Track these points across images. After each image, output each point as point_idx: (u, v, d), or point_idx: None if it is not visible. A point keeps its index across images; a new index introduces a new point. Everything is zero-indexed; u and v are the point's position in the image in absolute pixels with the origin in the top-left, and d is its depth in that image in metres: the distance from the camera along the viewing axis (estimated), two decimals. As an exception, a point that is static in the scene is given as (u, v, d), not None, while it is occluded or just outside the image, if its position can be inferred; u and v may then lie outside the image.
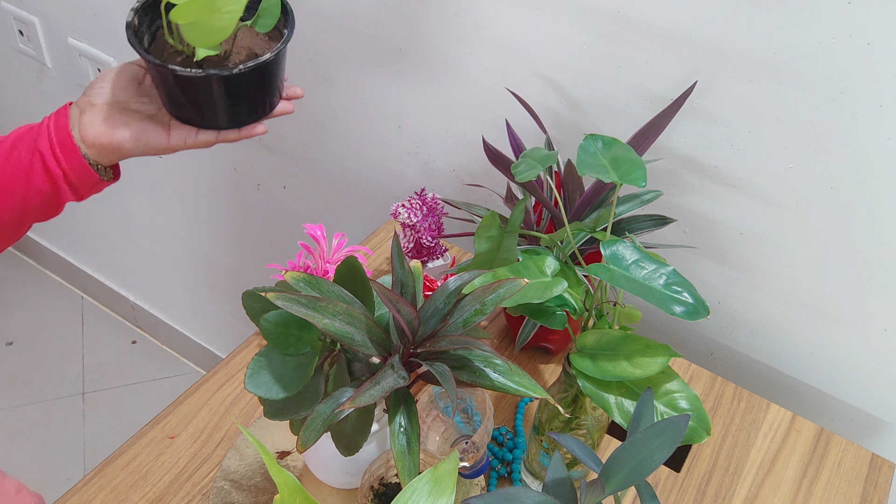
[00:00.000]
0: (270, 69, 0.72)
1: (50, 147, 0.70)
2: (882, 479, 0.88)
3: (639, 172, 0.67)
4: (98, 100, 0.72)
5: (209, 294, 1.81)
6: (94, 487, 0.80)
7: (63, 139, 0.70)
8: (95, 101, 0.72)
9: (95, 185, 0.74)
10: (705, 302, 0.61)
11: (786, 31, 0.79)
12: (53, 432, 1.88)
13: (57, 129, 0.71)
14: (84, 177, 0.72)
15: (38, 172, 0.70)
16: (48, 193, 0.72)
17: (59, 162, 0.70)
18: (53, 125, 0.71)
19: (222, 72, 0.68)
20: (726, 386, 0.97)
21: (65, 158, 0.70)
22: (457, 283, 0.64)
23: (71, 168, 0.71)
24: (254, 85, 0.72)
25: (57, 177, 0.71)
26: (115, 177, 0.76)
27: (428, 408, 0.75)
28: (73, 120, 0.71)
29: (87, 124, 0.70)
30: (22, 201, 0.72)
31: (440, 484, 0.48)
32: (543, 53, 0.96)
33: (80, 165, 0.71)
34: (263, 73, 0.71)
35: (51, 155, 0.70)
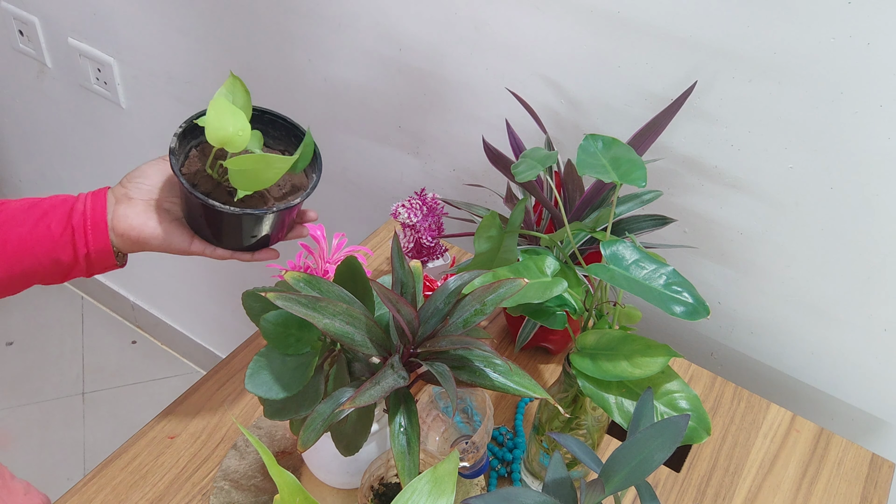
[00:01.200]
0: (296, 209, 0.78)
1: (83, 225, 0.74)
2: (882, 479, 0.88)
3: (639, 172, 0.67)
4: (135, 194, 0.76)
5: (209, 294, 1.81)
6: (94, 487, 0.80)
7: (97, 222, 0.75)
8: (132, 195, 0.76)
9: (109, 267, 0.78)
10: (705, 302, 0.61)
11: (786, 31, 0.79)
12: (53, 432, 1.88)
13: (94, 211, 0.75)
14: (103, 260, 0.76)
15: (66, 246, 0.74)
16: (65, 266, 0.76)
17: (88, 242, 0.75)
18: (90, 206, 0.75)
19: (256, 211, 0.73)
20: (726, 386, 0.97)
21: (93, 240, 0.75)
22: (457, 283, 0.64)
23: (96, 250, 0.75)
24: (279, 220, 0.77)
25: (80, 255, 0.75)
26: (124, 262, 0.81)
27: (428, 408, 0.75)
28: (110, 206, 0.76)
29: (121, 216, 0.75)
30: (38, 265, 0.75)
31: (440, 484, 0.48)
32: (543, 53, 0.96)
33: (104, 250, 0.75)
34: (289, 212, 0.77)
35: (82, 233, 0.74)
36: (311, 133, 0.77)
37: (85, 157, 1.79)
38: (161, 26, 1.36)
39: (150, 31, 1.39)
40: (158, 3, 1.33)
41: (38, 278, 0.77)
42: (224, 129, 0.71)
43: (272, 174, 0.71)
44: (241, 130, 0.71)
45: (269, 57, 1.23)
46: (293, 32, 1.17)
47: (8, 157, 2.03)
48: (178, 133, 0.75)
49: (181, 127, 0.76)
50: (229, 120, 0.71)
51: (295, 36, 1.17)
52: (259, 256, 0.80)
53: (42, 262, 0.75)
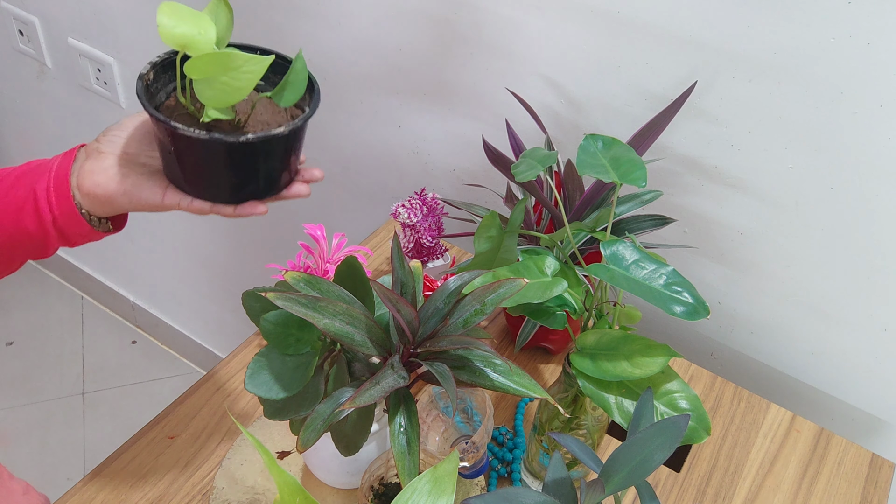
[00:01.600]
0: (282, 145, 0.65)
1: (46, 189, 0.67)
2: (882, 479, 0.88)
3: (639, 172, 0.67)
4: (106, 148, 0.68)
5: (209, 294, 1.81)
6: (94, 487, 0.80)
7: (60, 184, 0.67)
8: (104, 149, 0.68)
9: (88, 234, 0.71)
10: (705, 302, 0.61)
11: (786, 31, 0.79)
12: (53, 432, 1.88)
13: (57, 173, 0.67)
14: (74, 225, 0.69)
15: (29, 214, 0.67)
16: (36, 236, 0.69)
17: (52, 206, 0.67)
18: (56, 167, 0.68)
19: (227, 138, 0.61)
20: (726, 386, 0.97)
21: (57, 204, 0.67)
22: (457, 283, 0.64)
23: (61, 214, 0.68)
24: (261, 160, 0.65)
25: (46, 221, 0.68)
26: (115, 228, 0.73)
27: (428, 408, 0.75)
28: (77, 165, 0.68)
29: (86, 172, 0.67)
30: (9, 239, 0.69)
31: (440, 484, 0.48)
32: (543, 53, 0.96)
33: (70, 213, 0.68)
34: (273, 147, 0.64)
35: (45, 198, 0.67)
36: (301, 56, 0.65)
37: (85, 157, 1.79)
38: (161, 26, 1.36)
39: (150, 31, 1.39)
40: (158, 3, 1.33)
41: (17, 253, 0.71)
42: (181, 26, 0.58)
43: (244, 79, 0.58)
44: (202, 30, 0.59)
45: (269, 57, 1.23)
46: (292, 31, 1.17)
47: (8, 157, 2.03)
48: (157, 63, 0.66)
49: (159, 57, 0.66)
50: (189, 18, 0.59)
51: (294, 34, 1.17)
52: (242, 211, 0.67)
53: (12, 234, 0.68)
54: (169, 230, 1.75)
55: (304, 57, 0.67)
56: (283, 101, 0.66)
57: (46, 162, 0.69)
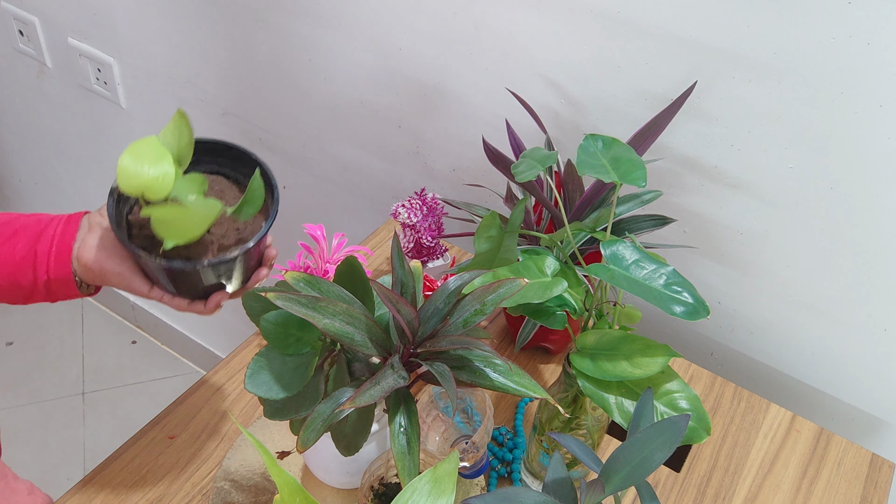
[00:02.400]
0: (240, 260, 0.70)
1: (47, 253, 0.70)
2: (882, 479, 0.88)
3: (639, 172, 0.67)
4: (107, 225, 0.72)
5: (209, 294, 1.80)
6: (94, 487, 0.80)
7: (61, 251, 0.71)
8: (105, 224, 0.72)
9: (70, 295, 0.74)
10: (705, 302, 0.61)
11: (786, 31, 0.79)
12: (53, 432, 1.87)
13: (61, 239, 0.71)
14: (64, 288, 0.73)
15: (26, 271, 0.71)
16: (25, 290, 0.72)
17: (49, 270, 0.71)
18: (59, 232, 0.71)
19: (186, 266, 0.66)
20: (726, 386, 0.97)
21: (55, 269, 0.71)
22: (457, 283, 0.64)
23: (57, 279, 0.71)
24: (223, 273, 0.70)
25: (40, 281, 0.71)
26: (94, 291, 0.76)
27: (428, 408, 0.75)
28: (81, 234, 0.72)
29: (87, 247, 0.70)
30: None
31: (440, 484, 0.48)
32: (543, 53, 0.96)
33: (66, 279, 0.71)
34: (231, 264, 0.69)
35: (44, 260, 0.70)
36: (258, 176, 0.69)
37: (85, 157, 1.79)
38: (161, 26, 1.36)
39: (150, 31, 1.39)
40: (158, 3, 1.33)
41: None
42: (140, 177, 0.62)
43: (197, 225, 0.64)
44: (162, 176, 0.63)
45: (270, 56, 1.23)
46: (293, 32, 1.17)
47: (8, 157, 2.03)
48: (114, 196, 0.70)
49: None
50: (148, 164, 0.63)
51: (295, 35, 1.17)
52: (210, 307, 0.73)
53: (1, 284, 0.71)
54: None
55: (306, 58, 0.68)
56: (244, 216, 0.70)
57: (49, 220, 0.73)
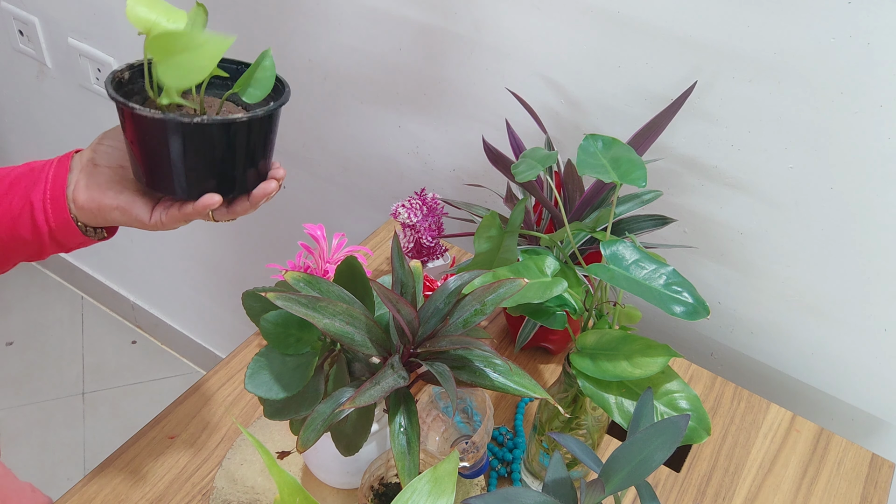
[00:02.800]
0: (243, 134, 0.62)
1: (42, 200, 0.68)
2: (882, 479, 0.88)
3: (639, 172, 0.67)
4: (101, 160, 0.68)
5: (209, 294, 1.81)
6: (94, 487, 0.80)
7: (56, 196, 0.68)
8: (99, 161, 0.68)
9: (82, 242, 0.72)
10: (705, 302, 0.61)
11: (786, 31, 0.79)
12: (53, 432, 1.87)
13: (53, 184, 0.68)
14: (70, 236, 0.70)
15: (25, 223, 0.68)
16: (32, 244, 0.70)
17: (48, 218, 0.68)
18: (52, 177, 0.68)
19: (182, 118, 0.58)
20: (726, 386, 0.97)
21: (54, 216, 0.68)
22: (457, 283, 0.64)
23: (58, 226, 0.69)
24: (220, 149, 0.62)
25: (42, 232, 0.69)
26: (108, 234, 0.73)
27: (428, 408, 0.75)
28: (72, 176, 0.68)
29: (81, 186, 0.67)
30: (4, 245, 0.70)
31: (440, 484, 0.48)
32: (543, 53, 0.96)
33: (67, 225, 0.69)
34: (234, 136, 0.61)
35: (41, 209, 0.68)
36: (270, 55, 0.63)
37: (85, 157, 1.79)
38: (161, 26, 1.36)
39: (150, 31, 1.39)
40: (158, 3, 1.33)
41: (11, 257, 0.71)
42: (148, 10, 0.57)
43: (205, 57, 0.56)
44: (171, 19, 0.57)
45: (269, 57, 1.23)
46: (293, 31, 1.17)
47: (8, 157, 2.03)
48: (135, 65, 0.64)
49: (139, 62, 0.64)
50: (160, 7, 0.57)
51: (294, 34, 1.17)
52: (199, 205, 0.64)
53: (4, 240, 0.69)
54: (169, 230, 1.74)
55: (306, 58, 0.67)
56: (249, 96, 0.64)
57: (41, 167, 0.69)
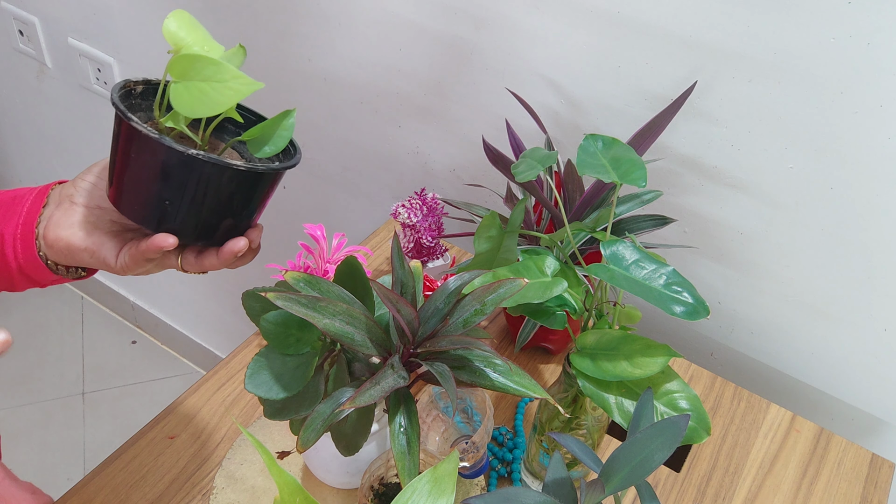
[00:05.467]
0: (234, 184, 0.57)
1: (13, 235, 0.64)
2: (882, 479, 0.88)
3: (639, 172, 0.67)
4: (79, 199, 0.64)
5: (209, 294, 1.81)
6: (94, 487, 0.80)
7: (26, 233, 0.64)
8: (76, 199, 0.64)
9: (54, 280, 0.67)
10: (705, 302, 0.61)
11: (786, 31, 0.79)
12: (53, 432, 1.87)
13: (26, 218, 0.64)
14: (39, 272, 0.66)
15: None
16: (3, 276, 0.67)
17: (17, 255, 0.65)
18: (26, 210, 0.64)
19: (175, 145, 0.54)
20: (726, 386, 0.97)
21: (23, 252, 0.65)
22: (457, 283, 0.64)
23: (27, 262, 0.65)
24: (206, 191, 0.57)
25: (12, 267, 0.65)
26: (87, 274, 0.69)
27: (428, 408, 0.75)
28: (47, 211, 0.65)
29: (53, 224, 0.63)
30: None
31: (440, 484, 0.48)
32: (543, 53, 0.96)
33: (34, 262, 0.65)
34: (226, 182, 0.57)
35: (10, 244, 0.64)
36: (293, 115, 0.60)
37: (85, 157, 1.79)
38: (161, 26, 1.36)
39: (150, 31, 1.39)
40: (158, 3, 1.33)
41: None
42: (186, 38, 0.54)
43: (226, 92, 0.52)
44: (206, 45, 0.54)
45: (269, 56, 1.23)
46: (292, 31, 1.17)
47: (8, 157, 2.03)
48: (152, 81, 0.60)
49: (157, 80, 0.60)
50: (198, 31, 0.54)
51: (294, 35, 1.17)
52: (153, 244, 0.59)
53: None
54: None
55: (305, 58, 0.66)
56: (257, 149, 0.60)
57: (22, 195, 0.66)
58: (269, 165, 0.59)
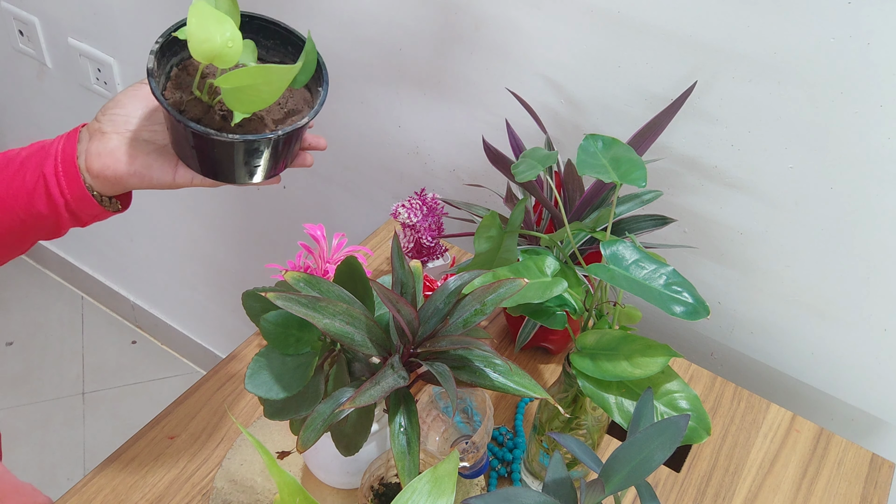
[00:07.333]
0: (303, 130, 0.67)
1: (55, 173, 0.68)
2: (882, 479, 0.88)
3: (639, 172, 0.67)
4: (108, 128, 0.68)
5: (209, 294, 1.81)
6: (94, 487, 0.80)
7: (68, 167, 0.68)
8: (106, 128, 0.68)
9: (98, 214, 0.72)
10: (705, 302, 0.61)
11: (786, 31, 0.79)
12: (53, 432, 1.88)
13: (63, 156, 0.68)
14: (86, 207, 0.70)
15: (41, 197, 0.68)
16: (49, 218, 0.70)
17: (63, 190, 0.68)
18: (62, 149, 0.69)
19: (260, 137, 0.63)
20: (726, 386, 0.97)
21: (68, 187, 0.68)
22: (457, 283, 0.64)
23: (73, 197, 0.69)
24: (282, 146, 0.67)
25: (59, 204, 0.69)
26: (123, 207, 0.73)
27: (428, 408, 0.75)
28: (82, 147, 0.69)
29: (93, 154, 0.68)
30: (22, 223, 0.70)
31: (440, 484, 0.48)
32: (544, 53, 0.96)
33: (82, 195, 0.69)
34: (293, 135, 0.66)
35: (55, 181, 0.68)
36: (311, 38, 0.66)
37: (85, 157, 1.79)
38: (161, 26, 1.36)
39: (150, 31, 1.39)
40: (158, 3, 1.33)
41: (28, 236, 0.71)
42: (211, 41, 0.58)
43: (274, 89, 0.59)
44: (230, 41, 0.59)
45: (269, 57, 1.23)
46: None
47: (8, 157, 2.02)
48: (155, 50, 0.64)
49: (158, 42, 0.64)
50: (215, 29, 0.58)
51: (295, 36, 1.17)
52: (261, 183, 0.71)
53: (24, 218, 0.69)
54: (169, 230, 1.75)
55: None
56: (296, 83, 0.67)
57: (49, 143, 0.70)
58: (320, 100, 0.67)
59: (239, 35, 0.60)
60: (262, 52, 0.70)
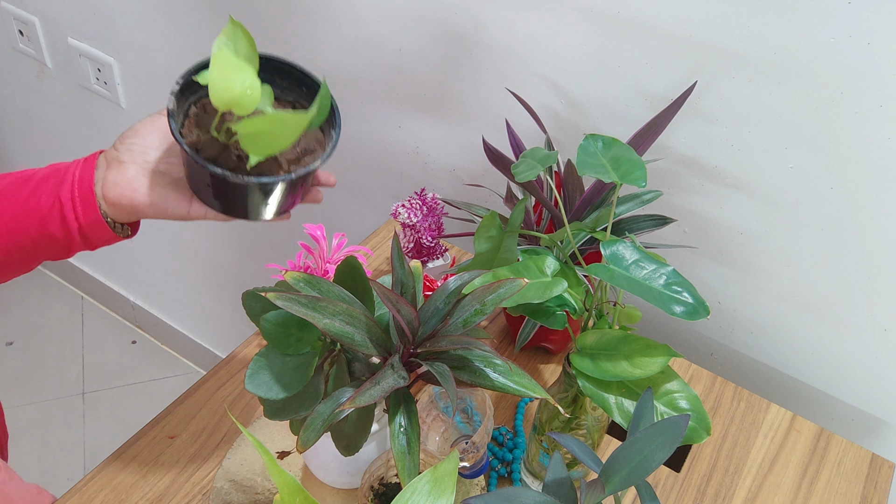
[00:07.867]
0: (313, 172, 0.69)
1: (71, 198, 0.69)
2: (882, 479, 0.88)
3: (639, 172, 0.67)
4: (126, 157, 0.70)
5: (209, 294, 1.81)
6: (94, 487, 0.80)
7: (84, 193, 0.69)
8: (123, 157, 0.70)
9: (110, 239, 0.73)
10: (705, 302, 0.61)
11: (786, 31, 0.79)
12: (53, 432, 1.88)
13: (81, 181, 0.70)
14: (99, 232, 0.71)
15: (55, 221, 0.70)
16: (61, 241, 0.71)
17: (77, 215, 0.70)
18: (79, 175, 0.70)
19: (274, 180, 0.65)
20: (726, 386, 0.97)
21: (83, 213, 0.70)
22: (457, 283, 0.64)
23: (88, 223, 0.70)
24: (292, 187, 0.69)
25: (72, 228, 0.70)
26: (132, 233, 0.75)
27: (428, 408, 0.75)
28: (99, 174, 0.70)
29: (110, 183, 0.69)
30: (33, 243, 0.71)
31: (440, 484, 0.48)
32: (543, 53, 0.96)
33: (96, 221, 0.70)
34: (305, 176, 0.68)
35: (70, 206, 0.69)
36: (326, 83, 0.68)
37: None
38: (161, 26, 1.36)
39: (150, 31, 1.39)
40: (158, 3, 1.33)
41: (38, 256, 0.73)
42: (231, 90, 0.61)
43: (289, 135, 0.62)
44: (249, 88, 0.62)
45: (269, 57, 1.23)
46: (293, 32, 1.17)
47: (8, 157, 2.03)
48: (175, 91, 0.67)
49: (178, 84, 0.67)
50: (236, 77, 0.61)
51: (295, 35, 1.17)
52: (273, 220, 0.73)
53: (34, 238, 0.70)
54: (169, 230, 1.75)
55: (305, 58, 0.68)
56: (311, 125, 0.69)
57: (66, 167, 0.71)
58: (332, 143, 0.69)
59: (258, 83, 0.62)
60: (277, 91, 0.72)
